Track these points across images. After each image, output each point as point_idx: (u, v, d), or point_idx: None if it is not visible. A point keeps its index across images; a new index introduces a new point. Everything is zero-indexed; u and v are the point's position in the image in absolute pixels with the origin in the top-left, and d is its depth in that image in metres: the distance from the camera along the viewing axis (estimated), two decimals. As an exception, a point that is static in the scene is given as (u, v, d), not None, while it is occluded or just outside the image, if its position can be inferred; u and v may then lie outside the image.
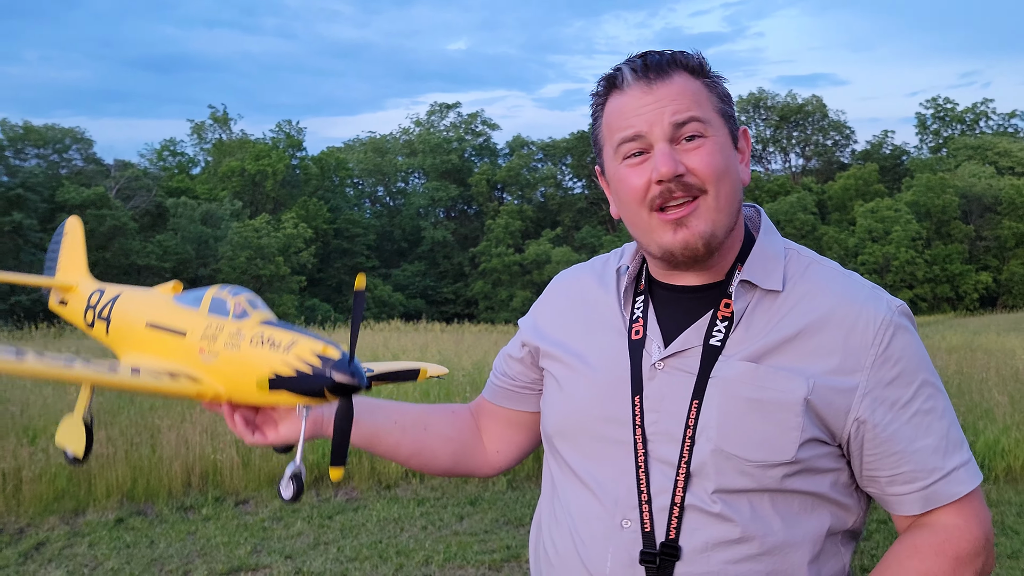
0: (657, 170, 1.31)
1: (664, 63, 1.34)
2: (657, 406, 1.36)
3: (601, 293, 1.51)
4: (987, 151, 59.12)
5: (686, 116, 1.31)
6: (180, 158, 57.02)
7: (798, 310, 1.35)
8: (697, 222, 1.32)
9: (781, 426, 1.30)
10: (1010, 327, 26.44)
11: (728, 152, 1.36)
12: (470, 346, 13.64)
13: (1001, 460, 7.74)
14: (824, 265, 1.42)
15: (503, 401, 1.67)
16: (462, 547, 5.67)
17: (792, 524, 1.32)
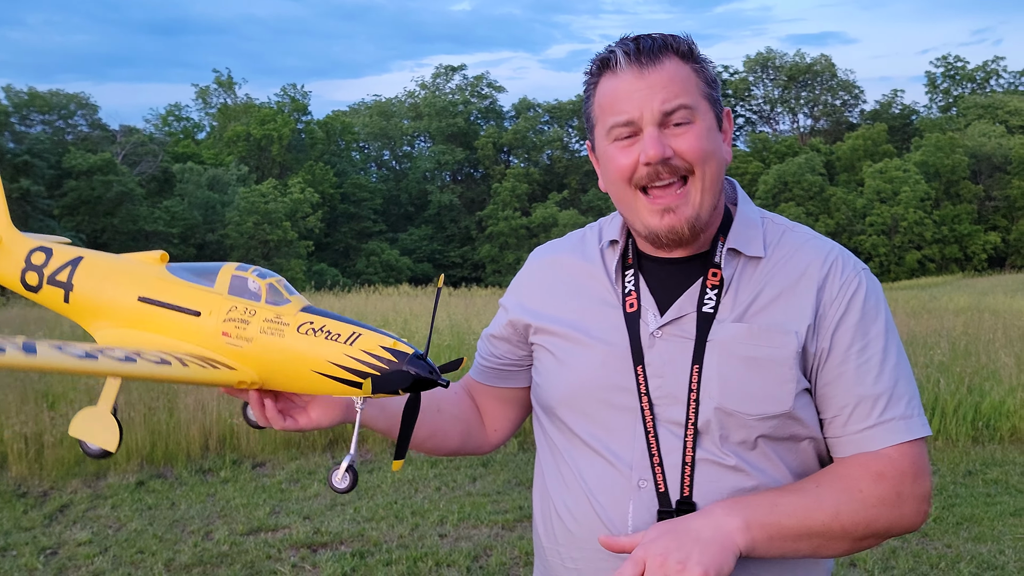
0: (646, 153, 1.39)
1: (656, 48, 1.41)
2: (660, 371, 1.45)
3: (589, 269, 1.58)
4: (997, 110, 58.54)
5: (675, 104, 1.39)
6: (185, 123, 56.93)
7: (779, 272, 1.46)
8: (684, 208, 1.42)
9: (777, 379, 1.40)
10: (1018, 287, 26.42)
11: (714, 135, 1.44)
12: (480, 310, 13.73)
13: (1007, 421, 7.82)
14: (797, 230, 1.53)
15: (494, 380, 1.73)
16: (475, 507, 5.80)
17: (791, 464, 1.45)
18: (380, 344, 1.39)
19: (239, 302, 1.47)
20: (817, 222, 51.08)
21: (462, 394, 1.77)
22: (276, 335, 1.43)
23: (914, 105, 66.77)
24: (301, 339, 1.42)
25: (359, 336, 1.40)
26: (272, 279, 1.49)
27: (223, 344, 1.47)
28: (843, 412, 1.43)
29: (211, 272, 1.53)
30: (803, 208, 51.25)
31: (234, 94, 56.61)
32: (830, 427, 1.45)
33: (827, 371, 1.43)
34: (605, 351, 1.49)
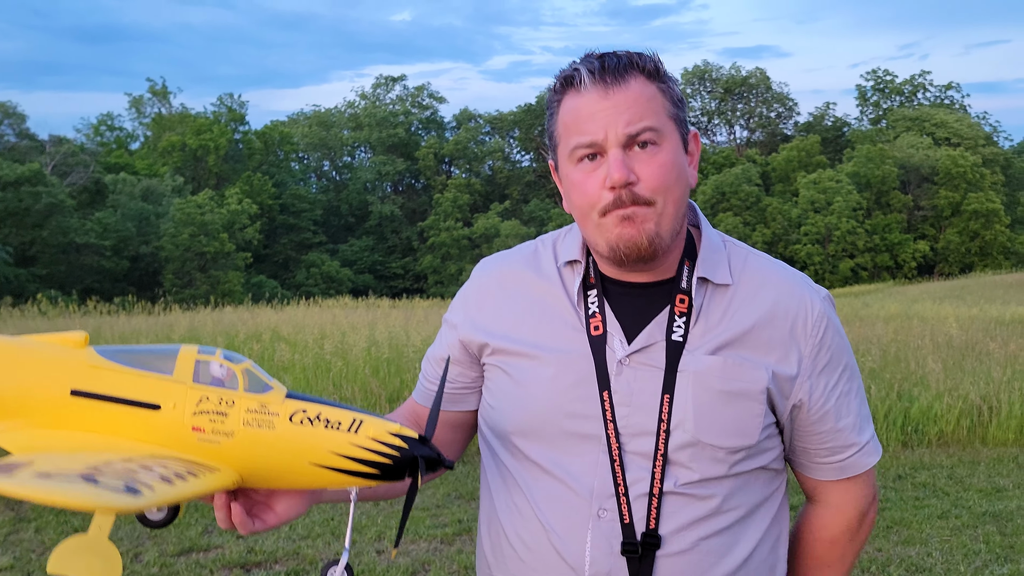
0: (610, 176, 1.34)
1: (621, 67, 1.36)
2: (627, 400, 1.40)
3: (546, 286, 1.51)
4: (924, 123, 60.47)
5: (640, 126, 1.34)
6: (118, 133, 55.71)
7: (749, 303, 1.44)
8: (644, 221, 1.36)
9: (748, 413, 1.40)
10: (945, 295, 27.27)
11: (679, 158, 1.40)
12: (419, 322, 13.65)
13: (934, 425, 8.05)
14: (758, 256, 1.52)
15: (445, 405, 1.59)
16: (414, 522, 5.73)
17: (752, 494, 1.45)
18: (388, 431, 1.31)
19: (210, 391, 1.29)
20: (754, 232, 52.10)
21: (411, 423, 1.64)
22: (265, 427, 1.28)
23: (846, 117, 68.63)
24: (297, 430, 1.29)
25: (362, 423, 1.30)
26: (246, 363, 1.32)
27: (195, 442, 1.27)
28: (827, 443, 1.49)
29: (162, 356, 1.32)
30: (740, 218, 52.22)
31: (169, 103, 55.60)
32: (814, 458, 1.52)
33: (811, 411, 1.46)
34: (568, 373, 1.43)
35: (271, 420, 1.28)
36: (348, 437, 1.29)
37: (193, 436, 1.27)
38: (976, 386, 8.56)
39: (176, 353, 1.30)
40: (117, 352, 1.32)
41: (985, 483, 6.71)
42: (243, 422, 1.28)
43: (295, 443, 1.28)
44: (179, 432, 1.27)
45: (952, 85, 68.38)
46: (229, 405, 1.28)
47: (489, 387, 1.55)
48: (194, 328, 13.78)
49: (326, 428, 1.29)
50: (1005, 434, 8.04)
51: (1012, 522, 5.73)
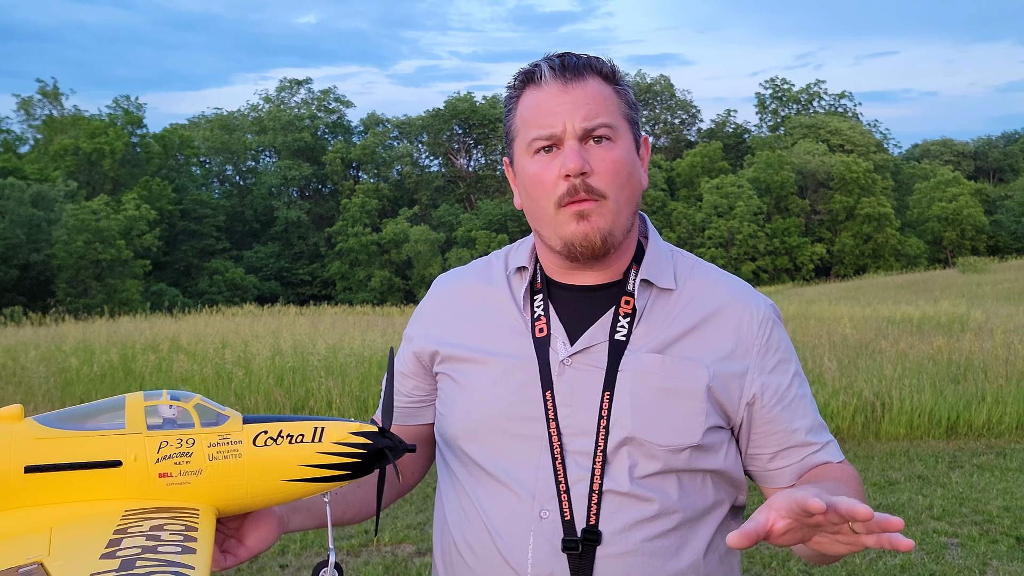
0: (565, 165, 1.37)
1: (581, 65, 1.42)
2: (569, 400, 1.43)
3: (494, 295, 1.55)
4: (820, 129, 62.89)
5: (596, 122, 1.39)
6: (6, 136, 53.10)
7: (692, 305, 1.47)
8: (598, 218, 1.39)
9: (688, 412, 1.41)
10: (841, 295, 28.35)
11: (632, 157, 1.44)
12: (326, 330, 13.42)
13: (831, 422, 8.31)
14: (705, 266, 1.56)
15: (404, 420, 1.65)
16: (319, 534, 5.59)
17: (698, 498, 1.44)
18: (349, 431, 1.34)
19: (168, 435, 1.27)
20: (660, 235, 53.20)
21: None
22: (231, 457, 1.29)
23: (746, 124, 70.92)
24: (263, 452, 1.30)
25: (324, 430, 1.33)
26: (195, 399, 1.32)
27: (165, 487, 1.26)
28: (785, 445, 1.47)
29: (109, 411, 1.29)
30: (646, 222, 53.26)
31: (61, 105, 53.36)
32: (771, 461, 1.49)
33: (764, 408, 1.46)
34: (512, 376, 1.46)
35: (236, 449, 1.29)
36: (314, 447, 1.32)
37: (162, 483, 1.26)
38: (869, 383, 8.89)
39: (123, 404, 1.28)
40: (59, 418, 1.28)
41: (879, 477, 6.95)
42: (209, 457, 1.28)
43: (264, 465, 1.30)
44: (146, 482, 1.26)
45: (845, 94, 71.39)
46: (190, 444, 1.28)
47: (440, 396, 1.58)
48: (87, 339, 13.21)
49: (291, 444, 1.31)
50: (896, 429, 8.37)
51: (903, 514, 5.94)
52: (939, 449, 7.95)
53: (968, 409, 8.58)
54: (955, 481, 6.78)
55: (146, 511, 1.24)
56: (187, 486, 1.27)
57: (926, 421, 8.43)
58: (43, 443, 1.23)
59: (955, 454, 7.75)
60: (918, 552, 5.21)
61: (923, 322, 15.55)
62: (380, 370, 9.39)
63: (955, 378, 9.59)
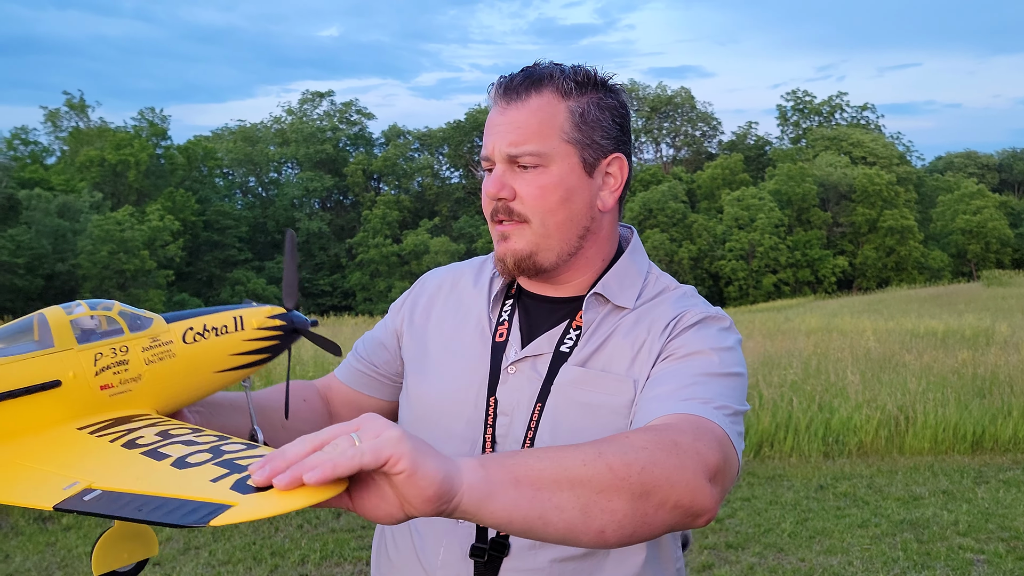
0: (485, 188, 1.40)
1: (530, 82, 1.38)
2: (507, 409, 1.41)
3: (474, 293, 1.56)
4: (842, 142, 62.52)
5: (520, 151, 1.36)
6: (33, 147, 53.81)
7: (633, 323, 1.41)
8: (517, 240, 1.39)
9: (608, 428, 1.32)
10: (863, 308, 28.11)
11: (569, 182, 1.37)
12: (347, 340, 13.45)
13: (854, 436, 8.23)
14: (675, 291, 1.47)
15: (360, 386, 1.63)
16: (339, 544, 5.61)
17: None
18: (265, 315, 1.41)
19: (100, 346, 1.22)
20: (680, 248, 53.02)
21: (312, 401, 1.63)
22: (167, 358, 1.28)
23: (767, 136, 70.61)
24: (194, 348, 1.31)
25: (243, 318, 1.38)
26: (116, 305, 1.26)
27: (108, 398, 1.21)
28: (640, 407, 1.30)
29: (24, 332, 1.19)
30: (667, 234, 53.10)
31: (87, 117, 54.06)
32: None
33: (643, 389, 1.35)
34: (464, 376, 1.46)
35: (168, 349, 1.29)
36: (239, 335, 1.36)
37: (104, 395, 1.21)
38: (893, 397, 8.80)
39: (46, 323, 1.19)
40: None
41: (903, 492, 6.88)
42: (145, 361, 1.26)
43: (197, 360, 1.32)
44: (90, 397, 1.20)
45: (867, 106, 70.94)
46: (124, 352, 1.24)
47: (392, 382, 1.61)
48: (111, 348, 13.33)
49: (218, 336, 1.34)
50: (921, 443, 8.28)
51: (928, 529, 5.88)
52: (964, 464, 7.85)
53: (994, 424, 8.47)
54: (981, 497, 6.69)
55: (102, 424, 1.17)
56: (129, 393, 1.24)
57: (951, 436, 8.33)
58: None
59: (981, 469, 7.65)
60: (943, 569, 5.15)
61: (947, 336, 15.39)
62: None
63: (980, 392, 9.48)
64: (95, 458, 1.07)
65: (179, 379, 1.30)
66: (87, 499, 0.94)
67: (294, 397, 1.55)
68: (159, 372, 1.27)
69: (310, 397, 1.62)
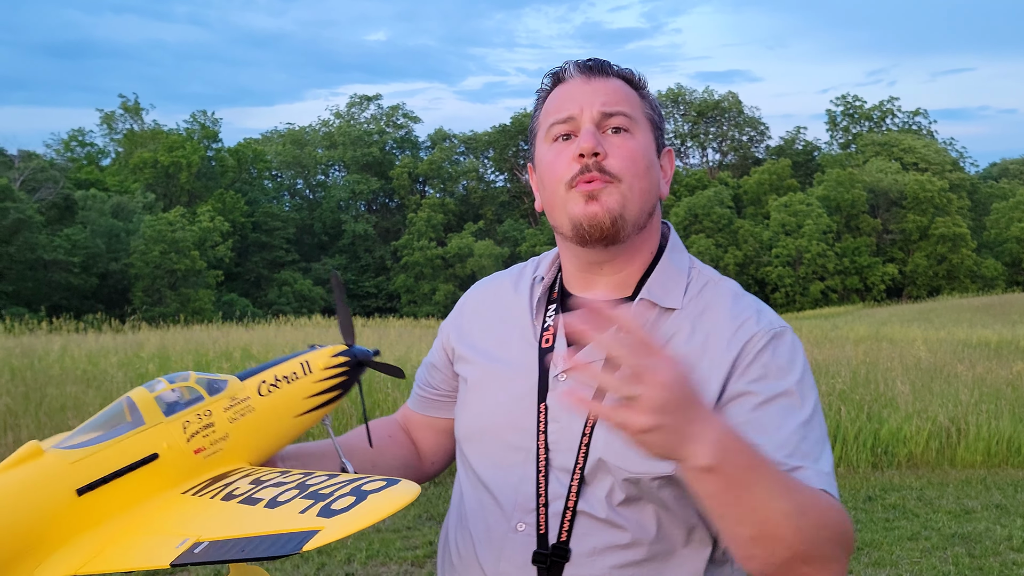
0: (579, 145, 1.37)
1: (607, 65, 1.45)
2: (558, 415, 1.41)
3: (515, 300, 1.56)
4: (893, 148, 61.42)
5: (615, 108, 1.39)
6: (89, 149, 55.16)
7: (689, 325, 1.41)
8: (608, 199, 1.37)
9: None
10: (914, 317, 27.60)
11: (651, 155, 1.42)
12: (393, 342, 13.59)
13: (903, 447, 8.11)
14: (720, 285, 1.47)
15: (429, 411, 1.69)
16: (384, 544, 5.67)
17: (676, 532, 1.38)
18: (329, 355, 1.51)
19: (187, 415, 1.32)
20: (726, 253, 52.51)
21: (396, 435, 1.71)
22: (248, 413, 1.40)
23: (816, 142, 69.59)
24: (270, 399, 1.43)
25: (309, 363, 1.48)
26: (192, 375, 1.36)
27: (203, 461, 1.32)
28: None
29: (121, 414, 1.29)
30: (713, 240, 52.62)
31: (141, 120, 55.20)
32: None
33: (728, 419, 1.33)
34: (514, 385, 1.47)
35: (248, 405, 1.39)
36: (308, 379, 1.47)
37: (199, 458, 1.32)
38: (944, 408, 8.64)
39: (134, 404, 1.30)
40: (76, 441, 1.26)
41: (954, 505, 6.76)
42: (229, 420, 1.37)
43: (275, 409, 1.43)
44: (187, 463, 1.31)
45: (919, 111, 69.60)
46: (208, 415, 1.35)
47: (458, 396, 1.61)
48: (164, 346, 13.59)
49: (289, 383, 1.45)
50: (973, 456, 8.12)
51: (980, 544, 5.77)
52: (1019, 478, 7.69)
53: (1049, 437, 8.29)
54: (1035, 512, 6.55)
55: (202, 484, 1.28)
56: (221, 452, 1.35)
57: (1004, 449, 8.17)
58: (80, 464, 1.21)
59: (1035, 484, 7.49)
60: (996, 584, 5.06)
61: (1001, 346, 15.07)
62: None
63: (1035, 405, 9.27)
64: (200, 515, 1.20)
65: (263, 430, 1.41)
66: (197, 551, 1.07)
67: (379, 434, 1.64)
68: (243, 428, 1.38)
69: (394, 433, 1.70)
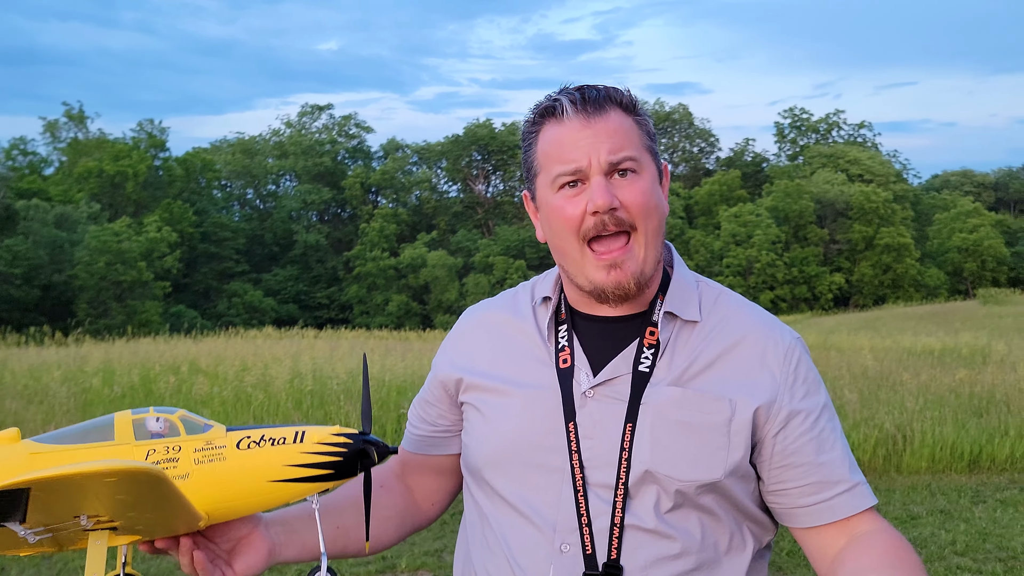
0: (594, 202, 1.36)
1: (601, 99, 1.41)
2: (591, 432, 1.41)
3: (520, 326, 1.54)
4: (839, 159, 62.74)
5: (621, 156, 1.38)
6: (31, 157, 53.85)
7: (715, 337, 1.44)
8: (630, 263, 1.39)
9: (710, 447, 1.37)
10: (860, 326, 28.16)
11: (656, 187, 1.43)
12: (345, 353, 13.46)
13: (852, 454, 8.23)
14: (730, 296, 1.53)
15: (428, 449, 1.65)
16: (379, 556, 5.59)
17: (722, 538, 1.41)
18: (331, 432, 1.39)
19: (155, 444, 1.36)
20: (677, 263, 53.08)
21: (389, 485, 1.66)
22: (217, 460, 1.36)
23: (764, 153, 70.81)
24: (247, 454, 1.36)
25: (305, 433, 1.39)
26: (180, 412, 1.40)
27: None
28: (810, 479, 1.41)
29: (99, 428, 1.37)
30: (664, 250, 53.17)
31: (86, 128, 54.13)
32: (799, 498, 1.42)
33: (786, 445, 1.40)
34: (535, 407, 1.45)
35: (220, 453, 1.36)
36: (296, 447, 1.37)
37: None
38: (891, 416, 8.80)
39: (111, 421, 1.37)
40: (53, 437, 1.39)
41: (900, 511, 6.88)
42: (195, 461, 1.35)
43: (249, 467, 1.36)
44: None
45: (864, 124, 71.24)
46: (176, 451, 1.36)
47: (465, 426, 1.58)
48: (109, 360, 13.31)
49: (273, 446, 1.37)
50: (918, 462, 8.28)
51: (926, 549, 5.88)
52: (962, 483, 7.85)
53: (991, 443, 8.48)
54: (978, 516, 6.70)
55: None
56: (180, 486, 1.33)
57: (948, 455, 8.33)
58: (38, 458, 1.34)
59: (978, 488, 7.65)
60: (942, 588, 5.15)
61: (944, 354, 15.43)
62: (400, 395, 9.41)
63: (978, 411, 9.49)
64: None
65: (227, 482, 1.36)
66: None
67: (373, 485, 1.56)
68: (208, 473, 1.35)
69: (386, 482, 1.66)
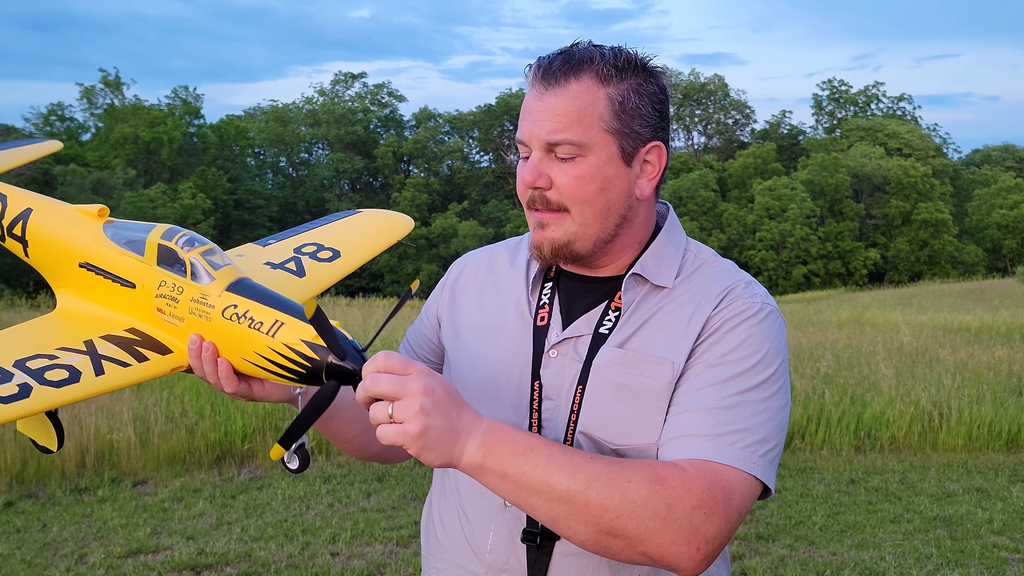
0: (520, 176, 1.38)
1: (570, 67, 1.34)
2: (552, 392, 1.41)
3: (512, 275, 1.54)
4: (877, 132, 61.62)
5: (559, 138, 1.33)
6: (69, 123, 54.39)
7: (674, 302, 1.39)
8: (554, 231, 1.37)
9: (647, 410, 1.33)
10: (895, 302, 27.78)
11: (607, 172, 1.35)
12: (377, 321, 13.51)
13: (886, 431, 8.16)
14: (714, 265, 1.45)
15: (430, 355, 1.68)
16: (369, 524, 5.65)
17: None
18: (300, 338, 1.29)
19: (167, 276, 1.41)
20: (710, 237, 52.60)
21: None
22: (203, 318, 1.37)
23: (801, 126, 69.61)
24: (225, 325, 1.35)
25: (281, 326, 1.30)
26: (198, 250, 1.40)
27: (160, 320, 1.43)
28: (671, 420, 1.31)
29: (139, 237, 1.47)
30: (697, 223, 52.68)
31: (122, 95, 54.46)
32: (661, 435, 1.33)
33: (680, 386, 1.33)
34: (506, 361, 1.45)
35: (208, 312, 1.37)
36: (265, 340, 1.32)
37: (158, 316, 1.43)
38: (927, 392, 8.70)
39: (145, 239, 1.46)
40: (117, 229, 1.53)
41: (936, 488, 6.81)
42: (189, 311, 1.38)
43: (224, 337, 1.36)
44: (148, 310, 1.44)
45: (904, 97, 69.76)
46: (179, 292, 1.40)
47: (444, 369, 1.60)
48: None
49: (248, 328, 1.33)
50: (955, 440, 8.18)
51: (962, 527, 5.82)
52: (999, 462, 7.76)
53: (1030, 422, 8.35)
54: (1016, 495, 6.61)
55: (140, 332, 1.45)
56: (177, 327, 1.40)
57: (986, 433, 8.22)
58: (97, 248, 1.51)
59: (1016, 467, 7.55)
60: (978, 566, 5.10)
61: (982, 332, 15.19)
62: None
63: (1017, 390, 9.35)
64: None
65: (208, 340, 1.38)
66: None
67: None
68: (195, 325, 1.38)
69: None
